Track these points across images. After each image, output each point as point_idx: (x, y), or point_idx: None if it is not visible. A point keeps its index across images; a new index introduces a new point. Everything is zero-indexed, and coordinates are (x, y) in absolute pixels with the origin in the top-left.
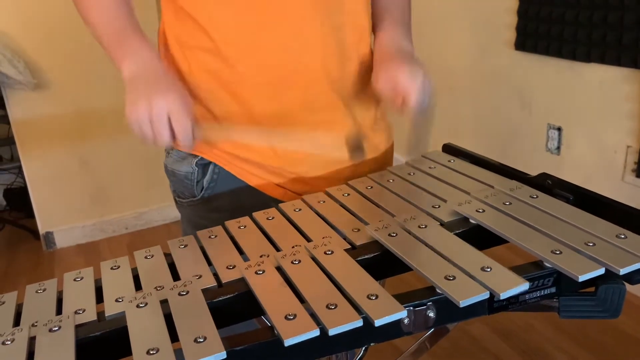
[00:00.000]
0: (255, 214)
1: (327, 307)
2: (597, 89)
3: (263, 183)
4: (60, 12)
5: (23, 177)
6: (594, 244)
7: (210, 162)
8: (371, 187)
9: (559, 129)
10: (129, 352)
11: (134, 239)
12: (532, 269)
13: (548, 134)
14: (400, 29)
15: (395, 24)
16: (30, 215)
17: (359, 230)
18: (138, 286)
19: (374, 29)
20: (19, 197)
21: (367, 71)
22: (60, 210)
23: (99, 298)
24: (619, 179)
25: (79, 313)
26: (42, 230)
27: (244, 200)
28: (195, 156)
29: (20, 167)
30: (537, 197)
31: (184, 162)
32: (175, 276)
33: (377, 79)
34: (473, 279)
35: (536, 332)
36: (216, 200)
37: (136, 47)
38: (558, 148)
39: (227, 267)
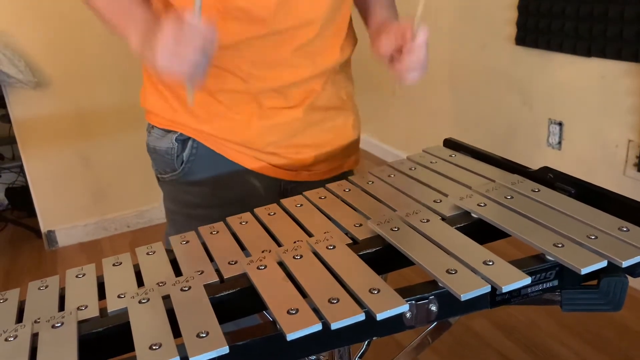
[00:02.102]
0: (256, 210)
1: (329, 301)
2: (598, 83)
3: (240, 156)
4: (60, 11)
5: (25, 176)
6: (596, 237)
7: (189, 138)
8: (372, 182)
9: (560, 124)
10: (131, 348)
11: (136, 237)
12: (534, 263)
13: (549, 128)
14: (392, 12)
15: (387, 8)
16: (32, 214)
17: (360, 225)
18: (140, 282)
19: (365, 15)
20: (21, 196)
21: (340, 70)
22: (62, 209)
23: (101, 294)
24: (620, 173)
25: (82, 309)
26: (44, 229)
27: (223, 173)
28: (175, 132)
29: (21, 166)
30: (539, 190)
31: (164, 139)
32: (177, 272)
33: (379, 45)
34: (475, 272)
35: (539, 328)
36: (196, 174)
37: (139, 16)
38: (559, 143)
39: (229, 263)
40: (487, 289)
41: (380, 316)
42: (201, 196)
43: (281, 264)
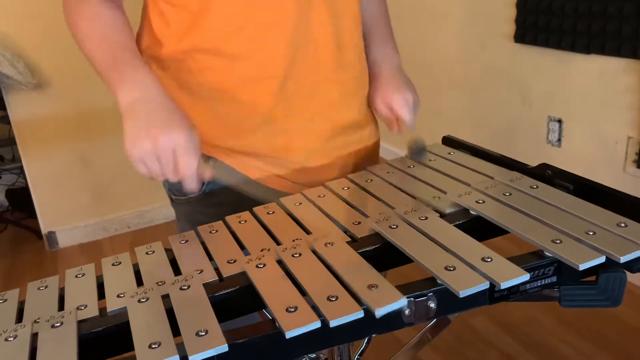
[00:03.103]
0: (255, 209)
1: (328, 298)
2: (598, 80)
3: (262, 174)
4: (59, 12)
5: (25, 177)
6: (595, 233)
7: (209, 157)
8: (371, 180)
9: (560, 121)
10: (131, 347)
11: (137, 237)
12: (532, 259)
13: (549, 126)
14: (389, 43)
15: (384, 38)
16: (33, 215)
17: (359, 223)
18: (139, 282)
19: (364, 40)
20: (21, 197)
21: (359, 59)
22: (62, 210)
23: (101, 294)
24: (620, 170)
25: (81, 309)
26: (44, 230)
27: (244, 192)
28: None
29: (21, 168)
30: (537, 187)
31: None
32: (177, 271)
33: (375, 101)
34: (473, 269)
35: (539, 325)
36: (216, 195)
37: (134, 72)
38: (559, 140)
39: (228, 262)
40: (485, 285)
41: (379, 312)
42: (219, 218)
43: (280, 262)
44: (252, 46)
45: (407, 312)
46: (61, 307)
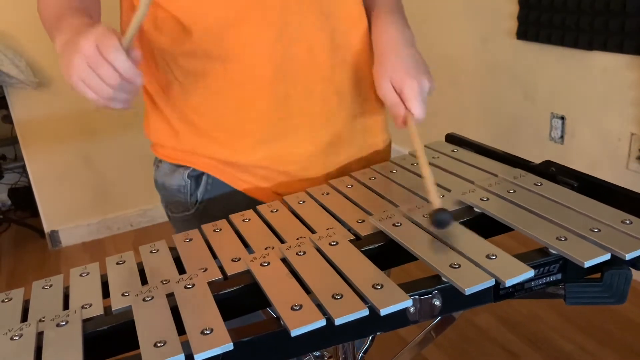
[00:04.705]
0: (259, 207)
1: (333, 297)
2: (600, 77)
3: (254, 189)
4: None
5: (27, 176)
6: (599, 230)
7: (202, 173)
8: (374, 178)
9: (563, 118)
10: (136, 346)
11: (139, 236)
12: (537, 256)
13: (551, 123)
14: (398, 15)
15: (392, 10)
16: (35, 214)
17: (363, 221)
18: (144, 281)
19: (369, 16)
20: (24, 196)
21: (360, 61)
22: (64, 209)
23: (105, 293)
24: (623, 167)
25: (86, 308)
26: (47, 229)
27: (238, 208)
28: (187, 167)
29: (24, 167)
30: (541, 184)
31: (174, 175)
32: (181, 270)
33: (381, 84)
34: (478, 266)
35: (542, 322)
36: (210, 211)
37: (71, 23)
38: (562, 137)
39: (232, 260)
40: (491, 282)
41: (384, 311)
42: None
43: (284, 261)
44: (236, 46)
45: (412, 310)
46: (66, 306)
